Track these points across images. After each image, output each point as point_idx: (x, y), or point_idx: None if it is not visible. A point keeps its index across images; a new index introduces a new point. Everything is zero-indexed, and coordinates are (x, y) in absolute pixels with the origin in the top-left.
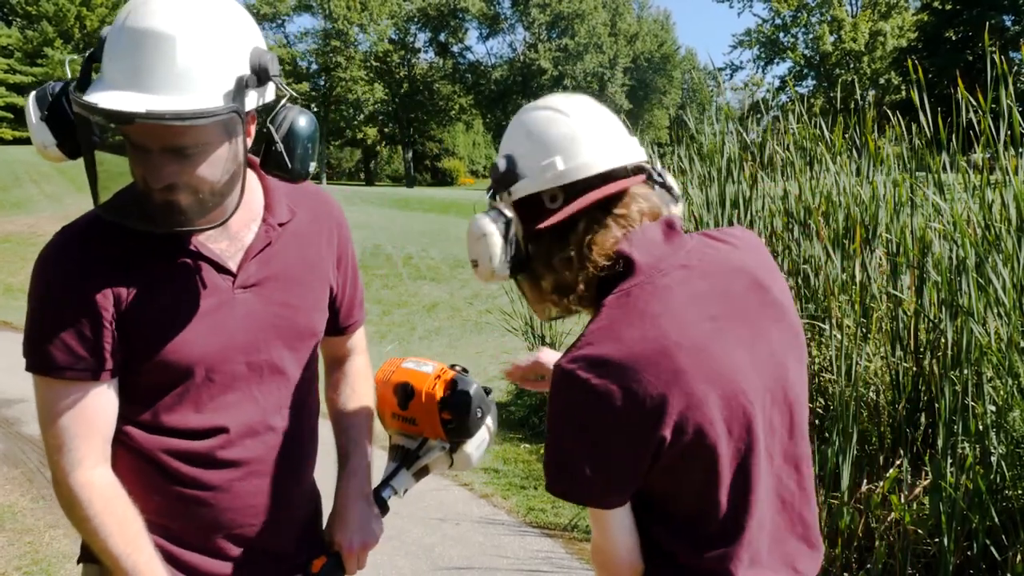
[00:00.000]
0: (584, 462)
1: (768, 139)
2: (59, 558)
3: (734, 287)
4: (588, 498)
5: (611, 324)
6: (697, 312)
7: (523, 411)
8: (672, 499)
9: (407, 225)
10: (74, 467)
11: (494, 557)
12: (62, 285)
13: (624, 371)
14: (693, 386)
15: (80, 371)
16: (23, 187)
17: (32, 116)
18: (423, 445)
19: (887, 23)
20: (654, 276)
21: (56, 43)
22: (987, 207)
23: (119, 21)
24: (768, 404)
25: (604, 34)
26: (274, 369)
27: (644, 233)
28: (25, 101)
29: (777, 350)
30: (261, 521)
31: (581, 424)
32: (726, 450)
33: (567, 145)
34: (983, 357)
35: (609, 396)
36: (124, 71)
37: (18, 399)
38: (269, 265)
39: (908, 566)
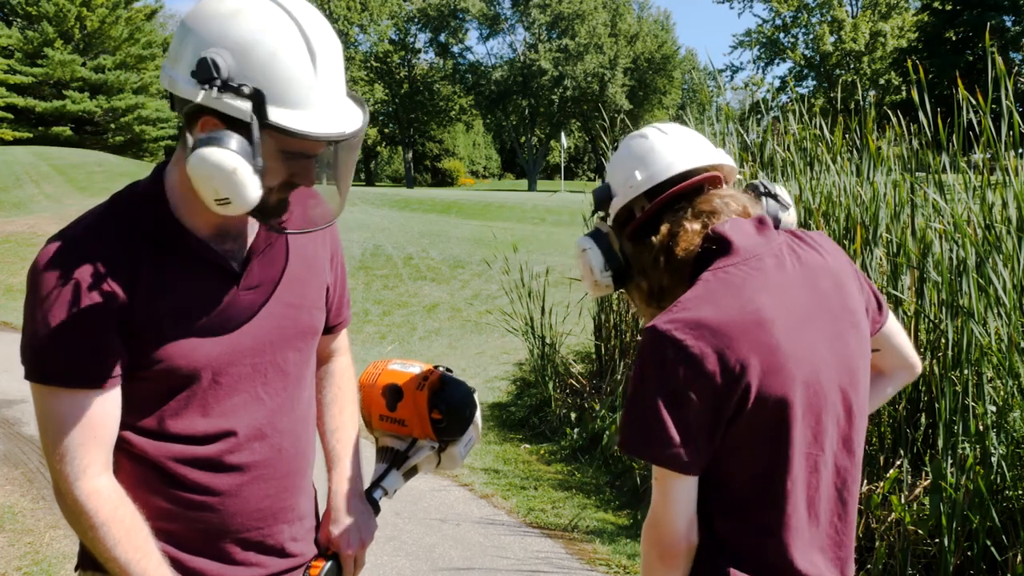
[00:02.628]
0: (669, 423)
1: (768, 139)
2: (59, 559)
3: (821, 285)
4: (668, 460)
5: (709, 292)
6: (790, 300)
7: (523, 412)
8: (735, 480)
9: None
10: (78, 476)
11: (494, 558)
12: (65, 291)
13: (719, 335)
14: (783, 362)
15: (84, 379)
16: (23, 187)
17: (242, 171)
18: (412, 446)
19: (887, 23)
20: (750, 259)
21: (56, 43)
22: (987, 207)
23: (289, 36)
24: (840, 403)
25: (604, 34)
26: (279, 369)
27: (738, 223)
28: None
29: (853, 356)
30: (268, 524)
31: (671, 383)
32: (799, 434)
33: (644, 159)
34: (983, 357)
35: (702, 358)
36: (305, 87)
37: (18, 400)
38: (271, 265)
39: (908, 566)
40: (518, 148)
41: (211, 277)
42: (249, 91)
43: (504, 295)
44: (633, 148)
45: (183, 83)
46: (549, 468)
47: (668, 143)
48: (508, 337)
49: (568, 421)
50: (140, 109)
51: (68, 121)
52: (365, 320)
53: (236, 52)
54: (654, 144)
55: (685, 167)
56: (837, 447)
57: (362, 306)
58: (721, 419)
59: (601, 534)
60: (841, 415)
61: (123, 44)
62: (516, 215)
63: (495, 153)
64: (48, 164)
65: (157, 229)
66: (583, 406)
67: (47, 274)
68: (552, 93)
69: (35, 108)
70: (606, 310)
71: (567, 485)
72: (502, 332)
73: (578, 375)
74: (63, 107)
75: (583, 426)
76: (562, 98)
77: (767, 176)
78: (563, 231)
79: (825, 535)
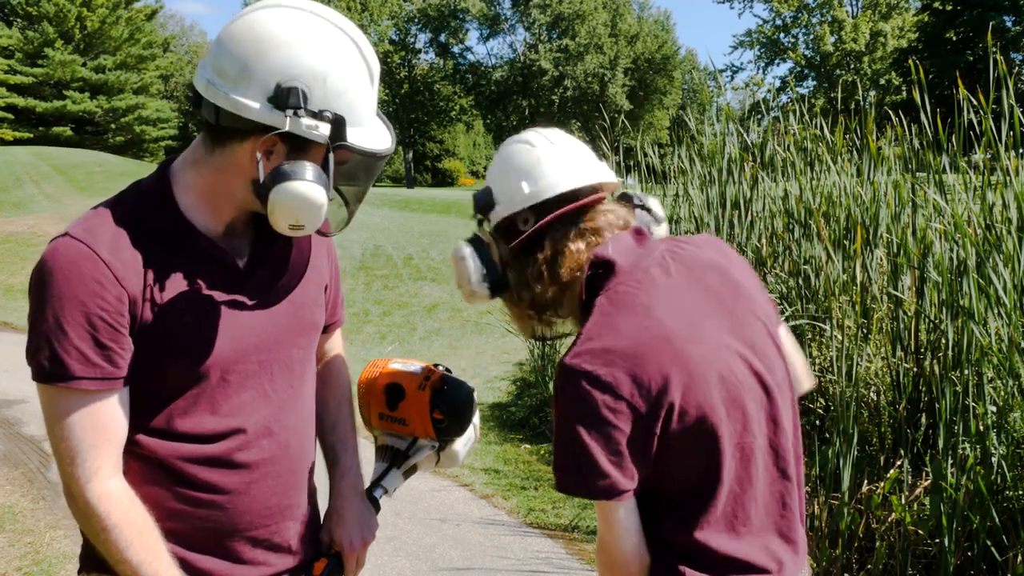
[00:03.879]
0: (599, 455)
1: (769, 139)
2: (60, 559)
3: (709, 281)
4: (604, 491)
5: (606, 319)
6: (683, 302)
7: (523, 412)
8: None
9: (407, 226)
10: (89, 479)
11: (495, 558)
12: (74, 289)
13: (627, 358)
14: (693, 368)
15: (94, 379)
16: (23, 187)
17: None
18: (413, 445)
19: (887, 24)
20: (636, 274)
21: (57, 44)
22: (988, 208)
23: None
24: (758, 388)
25: (604, 35)
26: (284, 366)
27: (618, 240)
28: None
29: (757, 337)
30: (276, 521)
31: (593, 416)
32: (726, 429)
33: (531, 171)
34: (984, 358)
35: (617, 384)
36: (366, 107)
37: (19, 400)
38: (274, 263)
39: (908, 567)
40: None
41: (218, 275)
42: (332, 117)
43: None
44: (519, 158)
45: (257, 107)
46: (549, 468)
47: (555, 157)
48: (508, 337)
49: None
50: (140, 109)
51: (68, 121)
52: (365, 320)
53: (316, 79)
54: (540, 156)
55: (571, 185)
56: (766, 427)
57: (362, 306)
58: (650, 437)
59: None
60: (762, 397)
61: (123, 44)
62: None
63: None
64: (48, 164)
65: (164, 227)
66: None
67: (56, 272)
68: (552, 93)
69: (35, 108)
70: None
71: None
72: (502, 332)
73: None
74: (63, 107)
75: None
76: (562, 98)
77: (768, 176)
78: None
79: (776, 514)
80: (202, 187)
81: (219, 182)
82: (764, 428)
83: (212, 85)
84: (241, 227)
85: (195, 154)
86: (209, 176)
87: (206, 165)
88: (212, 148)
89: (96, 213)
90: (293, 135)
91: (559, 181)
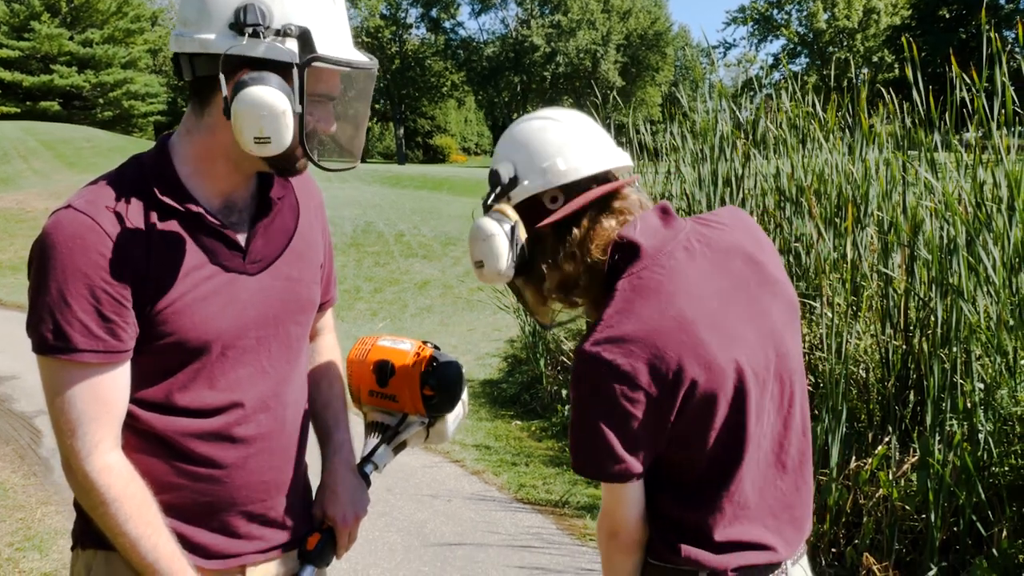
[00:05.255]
0: (615, 442)
1: (761, 117)
2: (51, 534)
3: (733, 265)
4: (618, 476)
5: (627, 305)
6: (705, 289)
7: (515, 388)
8: (684, 468)
9: (399, 202)
10: (90, 452)
11: (485, 533)
12: (78, 260)
13: (647, 347)
14: (711, 357)
15: (97, 352)
16: (11, 163)
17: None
18: (403, 421)
19: (881, 1)
20: (660, 258)
21: (43, 17)
22: (979, 186)
23: None
24: (771, 377)
25: (597, 11)
26: (282, 343)
27: (644, 220)
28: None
29: (777, 326)
30: (272, 496)
31: (611, 404)
32: (738, 420)
33: (563, 148)
34: (972, 335)
35: (635, 374)
36: (334, 25)
37: (9, 376)
38: (273, 240)
39: (895, 541)
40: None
41: (219, 249)
42: (297, 31)
43: None
44: (550, 134)
45: (219, 38)
46: (540, 444)
47: (585, 135)
48: (499, 314)
49: (559, 398)
50: (128, 84)
51: (56, 96)
52: (356, 297)
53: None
54: (573, 134)
55: (605, 166)
56: (776, 416)
57: (353, 283)
58: (664, 424)
59: (591, 510)
60: (776, 386)
61: (111, 18)
62: None
63: (487, 130)
64: (36, 139)
65: (166, 200)
66: None
67: (59, 244)
68: (544, 69)
69: (22, 83)
70: None
71: (558, 461)
72: (493, 309)
73: (569, 352)
74: (50, 82)
75: None
76: (554, 75)
77: (759, 154)
78: None
79: (777, 500)
80: (198, 154)
81: (213, 143)
82: (774, 417)
83: (180, 37)
84: (240, 203)
85: (187, 124)
86: (202, 141)
87: (198, 131)
88: (200, 110)
89: (98, 185)
90: (261, 61)
91: (592, 162)
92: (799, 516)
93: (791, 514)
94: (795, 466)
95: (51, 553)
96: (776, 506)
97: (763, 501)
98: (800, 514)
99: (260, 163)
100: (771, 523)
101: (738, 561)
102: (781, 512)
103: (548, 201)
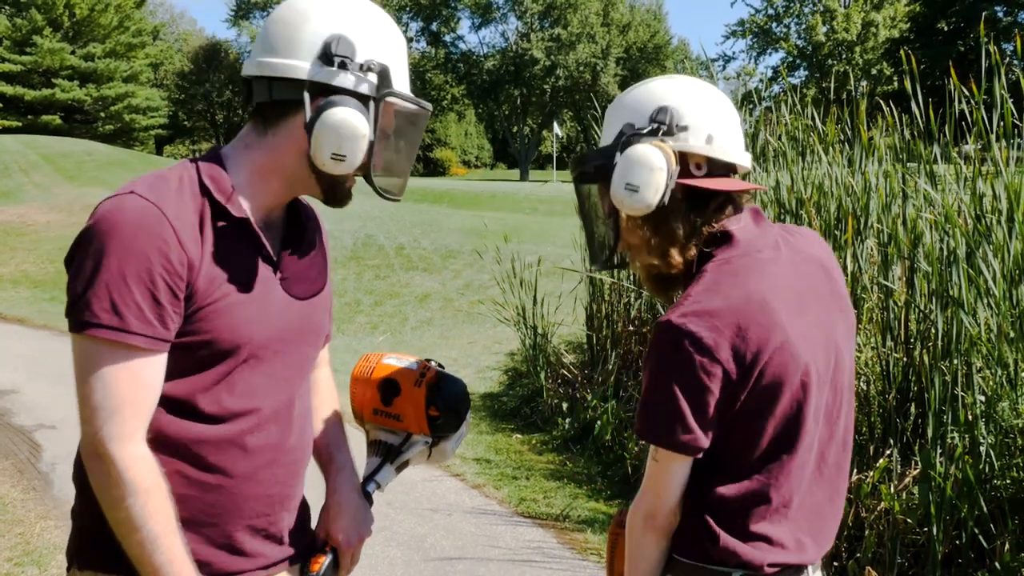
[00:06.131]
0: (687, 412)
1: (761, 129)
2: (50, 549)
3: (813, 274)
4: (685, 446)
5: (715, 284)
6: (787, 285)
7: (515, 402)
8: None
9: (399, 215)
10: (125, 440)
11: (486, 547)
12: (143, 245)
13: (730, 324)
14: (790, 345)
15: (147, 337)
16: (12, 176)
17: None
18: (406, 440)
19: (879, 14)
20: (750, 250)
21: (45, 31)
22: (978, 198)
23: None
24: (828, 384)
25: (597, 24)
26: (296, 359)
27: (741, 218)
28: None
29: (840, 339)
30: (275, 511)
31: (691, 374)
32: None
33: (726, 125)
34: (973, 347)
35: (716, 348)
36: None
37: (8, 390)
38: (297, 262)
39: (897, 555)
40: (510, 138)
41: (256, 260)
42: (378, 67)
43: (496, 285)
44: (717, 103)
45: (306, 66)
46: (541, 458)
47: (736, 123)
48: (500, 327)
49: (560, 411)
50: (130, 98)
51: (57, 110)
52: (357, 310)
53: (360, 33)
54: (731, 117)
55: (747, 162)
56: (824, 421)
57: (353, 296)
58: (735, 402)
59: (592, 523)
60: (830, 394)
61: (113, 32)
62: (508, 205)
63: (487, 143)
64: (37, 153)
65: (217, 202)
66: (575, 396)
67: (124, 226)
68: (544, 83)
69: (24, 96)
70: (598, 300)
71: (559, 475)
72: (494, 322)
73: (570, 365)
74: (52, 95)
75: (575, 416)
76: (554, 88)
77: (759, 166)
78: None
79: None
80: (255, 168)
81: (272, 160)
82: (823, 423)
83: (262, 63)
84: (276, 222)
85: (246, 139)
86: (262, 156)
87: (259, 147)
88: (265, 129)
89: (155, 177)
90: (342, 89)
91: (741, 151)
92: (828, 527)
93: (822, 523)
94: (831, 475)
95: (50, 568)
96: (811, 511)
97: (803, 502)
98: (830, 525)
99: (313, 187)
100: (805, 525)
101: (774, 557)
102: (814, 518)
103: (693, 165)
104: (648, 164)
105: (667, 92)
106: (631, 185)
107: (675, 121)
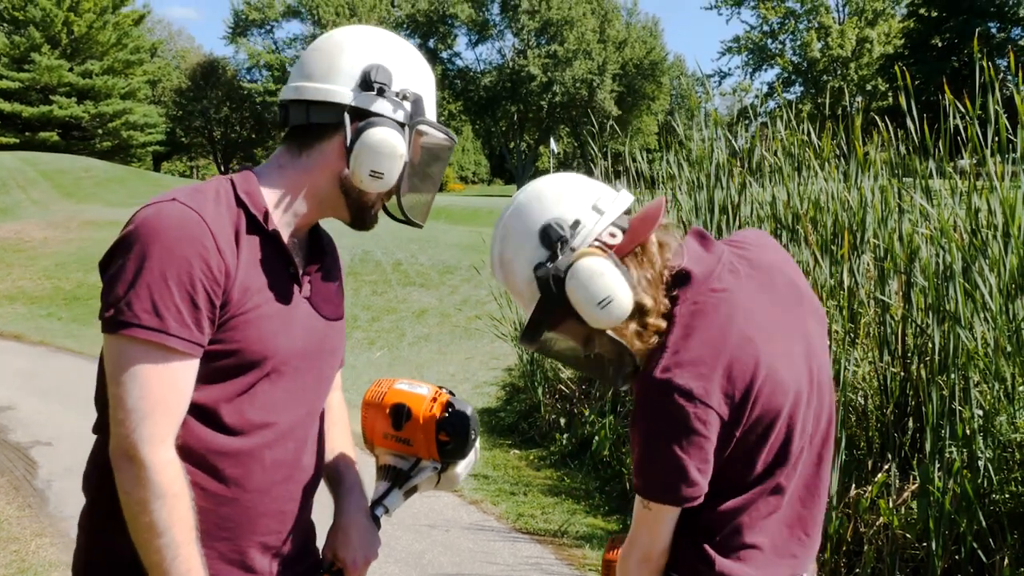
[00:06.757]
0: (690, 466)
1: (756, 145)
2: (45, 567)
3: (776, 285)
4: (688, 498)
5: (689, 329)
6: (756, 308)
7: (513, 417)
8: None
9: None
10: (156, 443)
11: (484, 563)
12: (186, 249)
13: (716, 367)
14: (772, 375)
15: (184, 340)
16: (10, 193)
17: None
18: (416, 465)
19: (874, 30)
20: (711, 282)
21: (43, 48)
22: (974, 213)
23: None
24: (813, 390)
25: (593, 40)
26: (316, 377)
27: (689, 247)
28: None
29: (815, 340)
30: (286, 528)
31: (686, 428)
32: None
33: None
34: (970, 362)
35: (708, 396)
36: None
37: (4, 407)
38: (318, 283)
39: (896, 570)
40: (507, 153)
41: (286, 274)
42: (413, 96)
43: (493, 300)
44: (577, 183)
45: (346, 91)
46: (538, 473)
47: (586, 180)
48: (497, 342)
49: (557, 426)
50: (128, 114)
51: (55, 126)
52: (354, 326)
53: (396, 63)
54: (586, 180)
55: (629, 199)
56: (812, 428)
57: (351, 312)
58: (729, 441)
59: (591, 539)
60: (816, 399)
61: (111, 49)
62: None
63: (484, 158)
64: (35, 170)
65: (250, 217)
66: (572, 411)
67: (167, 230)
68: (541, 99)
69: (21, 113)
70: None
71: (556, 490)
72: (491, 337)
73: (567, 380)
74: (50, 112)
75: (572, 431)
76: (551, 104)
77: (755, 181)
78: None
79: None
80: (288, 186)
81: (305, 181)
82: (810, 429)
83: (301, 87)
84: (300, 241)
85: (280, 160)
86: (296, 176)
87: (292, 167)
88: (300, 151)
89: (192, 188)
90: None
91: (620, 196)
92: (817, 530)
93: (814, 528)
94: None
95: None
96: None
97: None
98: (813, 534)
99: (342, 209)
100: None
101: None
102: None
103: (608, 237)
104: (601, 273)
105: (533, 212)
106: (605, 299)
107: (563, 226)
